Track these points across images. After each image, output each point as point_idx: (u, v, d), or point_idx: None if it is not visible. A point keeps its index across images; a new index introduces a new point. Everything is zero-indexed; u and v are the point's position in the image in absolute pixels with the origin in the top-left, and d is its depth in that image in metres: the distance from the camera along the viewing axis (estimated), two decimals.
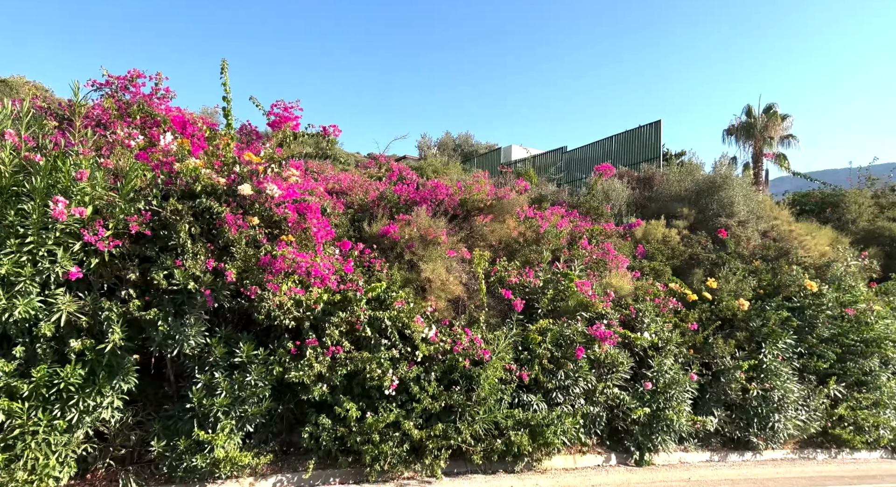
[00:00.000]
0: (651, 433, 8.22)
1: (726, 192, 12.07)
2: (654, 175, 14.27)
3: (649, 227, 11.58)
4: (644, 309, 8.91)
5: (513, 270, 8.50)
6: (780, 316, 9.38)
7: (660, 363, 8.47)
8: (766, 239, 11.55)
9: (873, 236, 14.20)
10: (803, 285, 9.94)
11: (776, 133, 23.48)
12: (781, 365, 9.13)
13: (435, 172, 10.97)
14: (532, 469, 7.27)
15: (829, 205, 15.56)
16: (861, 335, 9.88)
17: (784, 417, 8.96)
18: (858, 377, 9.80)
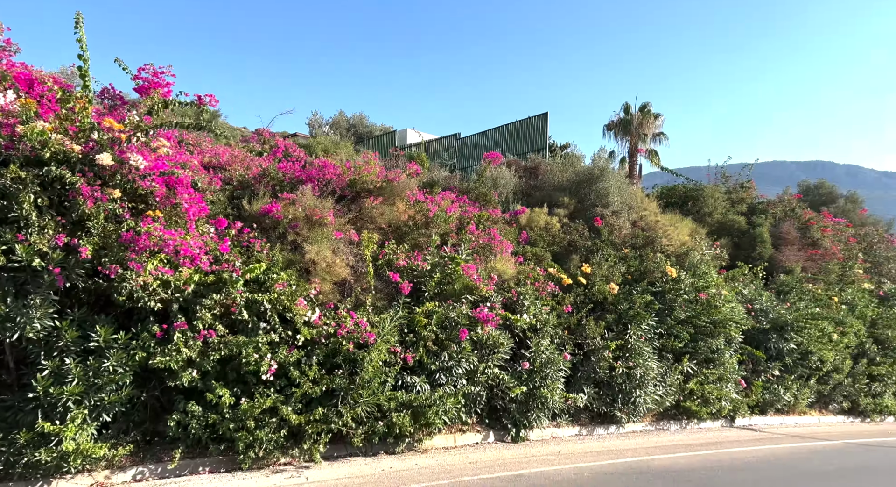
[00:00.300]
0: (527, 410, 8.63)
1: (603, 183, 12.85)
2: (540, 165, 14.86)
3: (533, 214, 12.06)
4: (525, 293, 9.28)
5: (401, 253, 8.49)
6: (645, 300, 10.19)
7: (537, 344, 8.89)
8: (636, 228, 12.48)
9: (725, 227, 15.84)
10: (665, 272, 10.87)
11: (649, 131, 25.38)
12: (644, 345, 9.95)
13: (325, 151, 10.63)
14: (413, 450, 7.36)
15: (690, 199, 17.09)
16: (711, 317, 10.99)
17: (644, 392, 9.78)
18: (707, 354, 10.92)
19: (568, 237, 11.80)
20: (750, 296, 12.51)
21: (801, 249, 15.83)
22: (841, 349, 12.98)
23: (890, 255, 17.98)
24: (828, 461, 8.29)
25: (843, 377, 13.09)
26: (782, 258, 15.38)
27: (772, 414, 12.19)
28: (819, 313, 12.75)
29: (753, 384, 11.73)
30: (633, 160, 26.06)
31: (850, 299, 14.21)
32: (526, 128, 18.81)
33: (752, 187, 17.43)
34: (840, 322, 13.25)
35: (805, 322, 12.27)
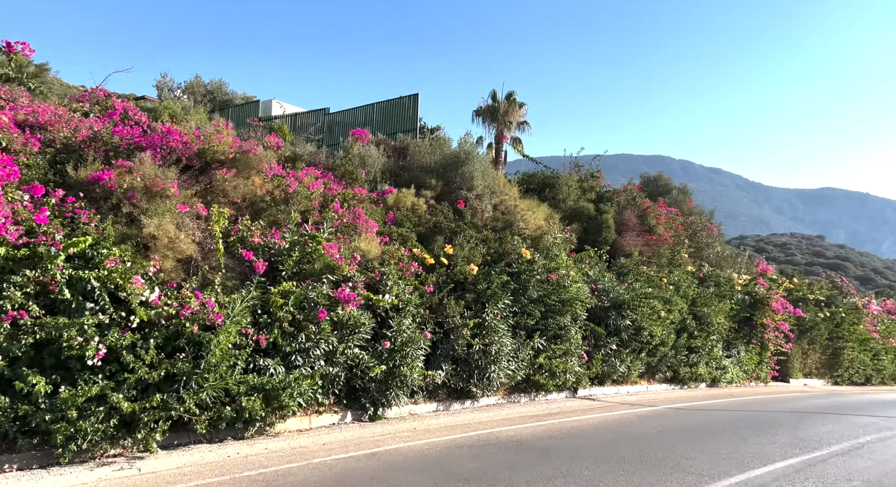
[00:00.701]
0: (386, 389, 8.69)
1: (468, 167, 13.19)
2: (409, 146, 14.88)
3: (401, 195, 12.07)
4: (389, 273, 9.28)
5: (257, 230, 8.05)
6: (502, 280, 10.68)
7: (399, 324, 8.96)
8: (497, 212, 13.01)
9: (577, 213, 17.05)
10: (521, 254, 11.46)
11: (514, 119, 26.56)
12: (500, 323, 10.45)
13: (173, 116, 9.71)
14: (264, 434, 7.10)
15: (547, 186, 18.15)
16: (560, 296, 11.81)
17: (499, 368, 10.30)
18: (556, 331, 11.74)
19: (434, 219, 11.98)
20: (594, 277, 13.62)
21: (639, 234, 17.52)
22: (667, 325, 14.64)
23: (709, 241, 20.56)
24: (650, 424, 9.33)
25: (668, 350, 14.80)
26: (624, 243, 16.93)
27: (609, 385, 13.47)
28: (651, 292, 14.23)
29: (594, 358, 12.85)
30: (499, 147, 27.09)
31: (676, 280, 16.02)
32: (397, 107, 18.70)
33: (601, 176, 18.93)
34: (668, 301, 14.91)
35: (639, 301, 13.65)
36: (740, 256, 23.41)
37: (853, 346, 23.38)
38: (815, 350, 22.02)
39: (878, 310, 27.06)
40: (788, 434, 8.98)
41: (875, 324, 25.32)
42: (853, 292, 24.97)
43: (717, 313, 16.21)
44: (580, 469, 6.20)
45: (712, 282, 17.48)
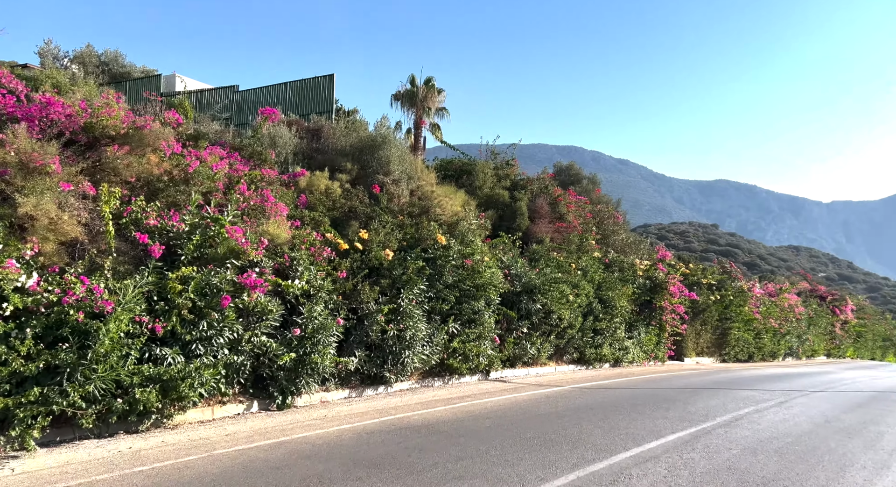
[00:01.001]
0: (296, 377, 8.46)
1: (385, 151, 13.02)
2: (324, 127, 14.46)
3: (314, 178, 11.72)
4: (299, 258, 9.00)
5: (152, 211, 7.52)
6: (417, 265, 10.67)
7: (310, 310, 8.73)
8: (414, 197, 12.96)
9: (492, 200, 17.34)
10: (437, 239, 11.50)
11: (433, 104, 26.53)
12: (415, 308, 10.45)
13: (57, 87, 8.83)
14: (161, 427, 6.71)
15: (464, 172, 18.30)
16: (474, 282, 11.99)
17: (413, 353, 10.32)
18: (470, 315, 11.92)
19: (349, 203, 11.74)
20: (508, 263, 13.93)
21: (551, 221, 18.10)
22: (575, 309, 15.27)
23: (615, 229, 21.62)
24: (556, 404, 9.71)
25: (575, 332, 15.47)
26: (536, 230, 17.43)
27: (520, 366, 13.89)
28: (560, 277, 14.77)
29: (506, 341, 13.20)
30: (417, 132, 26.98)
31: (584, 265, 16.72)
32: (312, 88, 18.12)
33: (516, 165, 19.34)
34: (576, 286, 15.54)
35: (550, 286, 14.13)
36: (643, 243, 24.80)
37: (739, 326, 25.54)
38: (707, 331, 23.84)
39: (761, 293, 29.68)
40: (680, 409, 9.65)
41: (758, 306, 27.77)
42: (740, 276, 27.21)
43: (621, 296, 17.11)
44: (487, 449, 6.34)
45: (617, 267, 18.41)
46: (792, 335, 32.13)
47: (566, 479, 5.36)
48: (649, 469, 5.80)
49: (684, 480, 5.49)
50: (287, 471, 5.35)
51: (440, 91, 26.28)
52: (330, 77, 17.59)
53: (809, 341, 35.54)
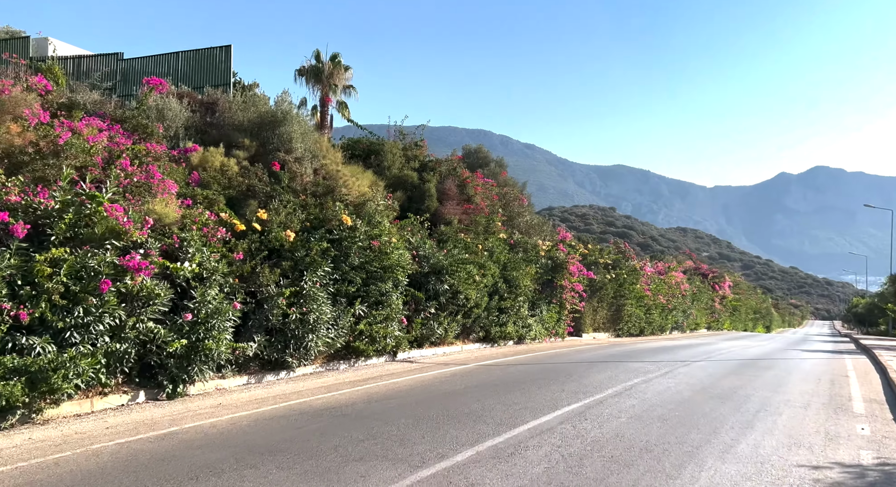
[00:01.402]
0: (188, 364, 7.99)
1: (286, 128, 12.48)
2: (219, 101, 13.60)
3: (208, 154, 11.02)
4: (190, 239, 8.45)
5: (14, 186, 6.73)
6: (321, 247, 10.38)
7: (203, 294, 8.25)
8: (318, 177, 12.55)
9: (401, 181, 17.20)
10: (342, 220, 11.23)
11: (340, 82, 25.76)
12: (319, 291, 10.18)
13: None
14: (29, 422, 6.10)
15: (373, 153, 18.01)
16: (382, 263, 11.87)
17: (317, 337, 10.07)
18: (377, 297, 11.81)
19: (247, 181, 11.17)
20: (416, 244, 13.92)
21: (459, 203, 18.27)
22: (481, 289, 15.59)
23: (520, 211, 22.23)
24: (461, 381, 9.89)
25: (481, 312, 15.81)
26: (444, 211, 17.53)
27: (427, 347, 14.01)
28: (468, 258, 14.99)
29: (414, 322, 13.23)
30: (324, 110, 26.15)
31: (491, 247, 17.09)
32: (207, 59, 16.95)
33: (425, 146, 19.29)
34: (483, 266, 15.85)
35: (457, 267, 14.30)
36: (546, 225, 25.74)
37: (632, 303, 27.30)
38: (603, 307, 25.28)
39: (652, 271, 31.87)
40: (576, 382, 10.15)
41: (649, 284, 29.80)
42: (633, 256, 29.00)
43: (525, 276, 17.68)
44: (391, 429, 6.33)
45: (521, 248, 18.98)
46: (678, 311, 34.84)
47: (466, 454, 5.46)
48: (545, 440, 6.03)
49: (576, 448, 5.77)
50: (174, 463, 5.03)
51: (347, 68, 25.58)
52: (227, 48, 16.55)
53: (693, 315, 38.72)
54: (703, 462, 5.46)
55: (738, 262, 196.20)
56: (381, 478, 4.73)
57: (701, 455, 5.70)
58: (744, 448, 5.98)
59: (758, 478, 5.02)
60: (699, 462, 5.46)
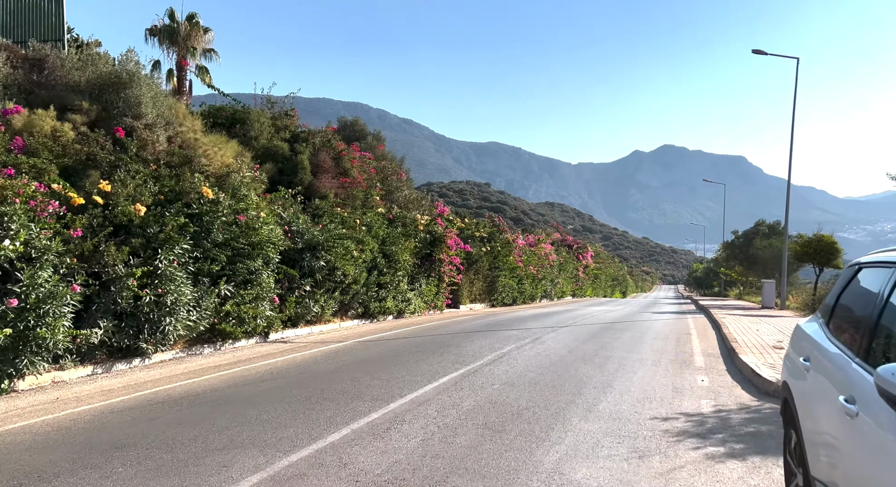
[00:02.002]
0: (16, 356, 6.94)
1: (134, 90, 11.15)
2: (49, 58, 11.80)
3: (35, 117, 9.53)
4: (12, 213, 7.26)
5: None
6: (178, 222, 9.47)
7: (32, 276, 7.15)
8: (173, 145, 11.40)
9: (271, 153, 16.24)
10: (202, 193, 10.33)
11: (199, 44, 23.66)
12: (177, 270, 9.31)
13: None
14: None
15: (238, 121, 16.78)
16: (250, 239, 11.13)
17: (175, 320, 9.24)
18: (245, 276, 11.09)
19: (86, 149, 9.83)
20: (289, 219, 13.25)
21: (334, 177, 17.69)
22: (360, 264, 15.29)
23: (399, 185, 22.08)
24: (337, 359, 9.64)
25: (360, 288, 15.54)
26: (319, 185, 16.88)
27: (303, 325, 13.52)
28: (345, 233, 14.58)
29: (288, 301, 12.66)
30: (181, 74, 23.93)
31: (369, 221, 16.77)
32: (32, 9, 14.67)
33: (296, 115, 18.35)
34: (360, 241, 15.52)
35: (333, 242, 13.86)
36: (424, 199, 25.84)
37: (506, 274, 28.47)
38: (479, 279, 26.09)
39: (523, 243, 33.42)
40: (454, 352, 10.33)
41: (521, 256, 31.23)
42: (506, 229, 30.17)
43: (404, 251, 17.64)
44: (260, 414, 5.96)
45: (400, 223, 18.87)
46: (547, 280, 36.99)
47: (341, 433, 5.28)
48: (421, 413, 6.02)
49: (451, 418, 5.81)
50: None
51: (207, 30, 23.53)
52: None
53: (560, 284, 41.37)
54: (568, 422, 5.75)
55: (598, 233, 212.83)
56: (246, 466, 4.41)
57: (567, 415, 6.00)
58: (605, 406, 6.40)
59: (617, 433, 5.38)
60: (565, 422, 5.74)
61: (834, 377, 2.63)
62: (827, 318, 3.24)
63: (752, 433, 5.42)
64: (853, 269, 3.20)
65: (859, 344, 2.52)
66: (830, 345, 2.88)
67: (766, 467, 4.49)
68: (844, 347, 2.69)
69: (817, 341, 3.10)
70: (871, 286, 2.76)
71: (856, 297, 2.95)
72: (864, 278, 2.97)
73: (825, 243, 24.01)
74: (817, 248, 24.00)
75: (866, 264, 3.02)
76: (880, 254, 2.95)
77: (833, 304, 3.22)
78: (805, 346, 3.34)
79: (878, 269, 2.80)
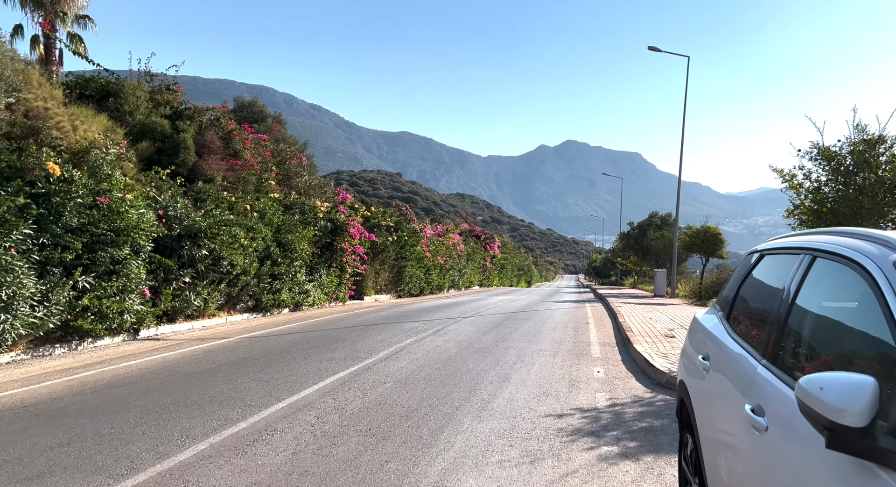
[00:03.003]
0: None
1: None
2: None
3: None
4: None
5: None
6: (16, 203, 8.06)
7: None
8: (16, 115, 9.78)
9: (148, 130, 14.63)
10: (49, 170, 8.90)
11: (70, 9, 21.01)
12: (17, 259, 7.93)
13: None
14: None
15: (111, 94, 14.97)
16: (113, 225, 9.81)
17: (13, 317, 7.87)
18: (108, 266, 9.76)
19: None
20: (165, 203, 11.91)
21: (224, 158, 16.30)
22: (250, 253, 14.15)
23: (299, 170, 20.86)
24: (215, 358, 8.67)
25: (250, 279, 14.39)
26: (206, 167, 15.46)
27: (182, 321, 12.25)
28: (232, 219, 13.39)
29: (163, 293, 11.39)
30: (49, 42, 21.18)
31: (262, 207, 15.59)
32: None
33: (181, 90, 16.68)
34: (251, 229, 14.37)
35: (218, 229, 12.67)
36: (328, 186, 24.71)
37: (413, 264, 28.00)
38: (385, 270, 25.42)
39: (431, 233, 33.09)
40: (348, 347, 9.66)
41: (429, 245, 30.88)
42: (413, 218, 29.66)
43: (302, 239, 16.61)
44: (100, 429, 5.02)
45: (298, 210, 17.78)
46: (454, 270, 36.99)
47: (197, 449, 4.51)
48: (299, 419, 5.34)
49: (332, 425, 5.19)
50: None
51: None
52: None
53: (467, 274, 41.59)
54: (460, 423, 5.31)
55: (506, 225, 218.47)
56: None
57: (459, 415, 5.56)
58: (499, 403, 6.04)
59: (510, 434, 5.00)
60: (457, 423, 5.30)
61: (738, 381, 2.29)
62: (727, 311, 2.94)
63: (645, 429, 5.23)
64: (753, 256, 2.92)
65: (766, 344, 2.18)
66: (732, 343, 2.56)
67: (658, 467, 4.26)
68: (749, 346, 2.35)
69: (717, 337, 2.79)
70: (776, 277, 2.45)
71: (759, 288, 2.65)
72: (766, 267, 2.67)
73: (711, 235, 25.57)
74: (704, 239, 25.51)
75: (769, 250, 2.72)
76: (783, 239, 2.66)
77: (733, 296, 2.92)
78: (703, 342, 3.04)
79: (782, 256, 2.50)
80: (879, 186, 8.10)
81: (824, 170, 8.91)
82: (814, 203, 9.00)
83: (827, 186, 8.88)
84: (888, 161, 8.25)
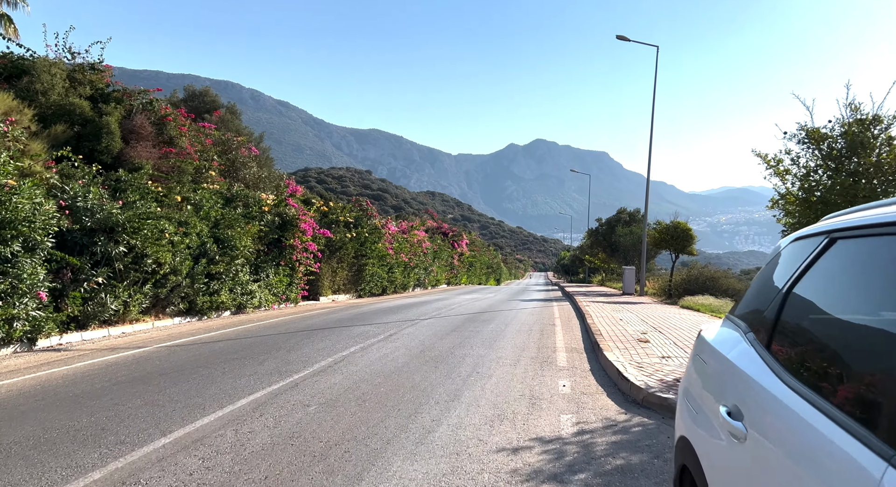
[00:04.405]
0: None
1: None
2: None
3: None
4: None
5: None
6: None
7: None
8: None
9: (65, 112, 13.01)
10: None
11: None
12: None
13: None
14: None
15: (23, 72, 13.30)
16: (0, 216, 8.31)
17: None
18: None
19: None
20: (74, 193, 10.39)
21: (156, 146, 14.75)
22: (182, 250, 12.68)
23: (246, 161, 19.34)
24: (113, 375, 7.27)
25: (181, 279, 12.90)
26: (134, 154, 13.91)
27: (95, 327, 10.73)
28: (157, 212, 11.91)
29: (69, 296, 9.88)
30: None
31: (198, 199, 14.10)
32: None
33: (109, 71, 15.03)
34: (183, 223, 12.90)
35: (140, 223, 11.20)
36: (280, 179, 23.22)
37: (374, 262, 26.64)
38: (344, 268, 24.01)
39: (395, 230, 31.76)
40: (280, 358, 8.38)
41: (392, 242, 29.55)
42: (375, 214, 28.29)
43: (244, 235, 15.16)
44: None
45: (241, 203, 16.30)
46: (420, 268, 35.73)
47: None
48: (177, 464, 4.06)
49: (217, 473, 3.93)
50: None
51: None
52: None
53: (434, 272, 40.38)
54: (388, 465, 4.11)
55: (477, 223, 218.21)
56: None
57: (389, 453, 4.36)
58: (442, 433, 4.85)
59: (449, 482, 3.82)
60: (384, 465, 4.09)
61: (820, 471, 1.13)
62: (766, 332, 1.79)
63: (620, 468, 4.12)
64: (815, 243, 1.76)
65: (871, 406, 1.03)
66: (796, 399, 1.39)
67: None
68: (839, 412, 1.19)
69: (757, 380, 1.63)
70: (870, 274, 1.31)
71: (838, 298, 1.49)
72: (847, 259, 1.52)
73: (681, 230, 24.92)
74: (674, 234, 24.84)
75: (848, 231, 1.57)
76: (868, 213, 1.52)
77: (778, 308, 1.77)
78: (725, 381, 1.89)
79: (878, 238, 1.36)
80: (877, 170, 7.19)
81: (814, 155, 7.98)
82: (801, 191, 8.08)
83: (817, 172, 7.96)
84: (884, 142, 7.36)
